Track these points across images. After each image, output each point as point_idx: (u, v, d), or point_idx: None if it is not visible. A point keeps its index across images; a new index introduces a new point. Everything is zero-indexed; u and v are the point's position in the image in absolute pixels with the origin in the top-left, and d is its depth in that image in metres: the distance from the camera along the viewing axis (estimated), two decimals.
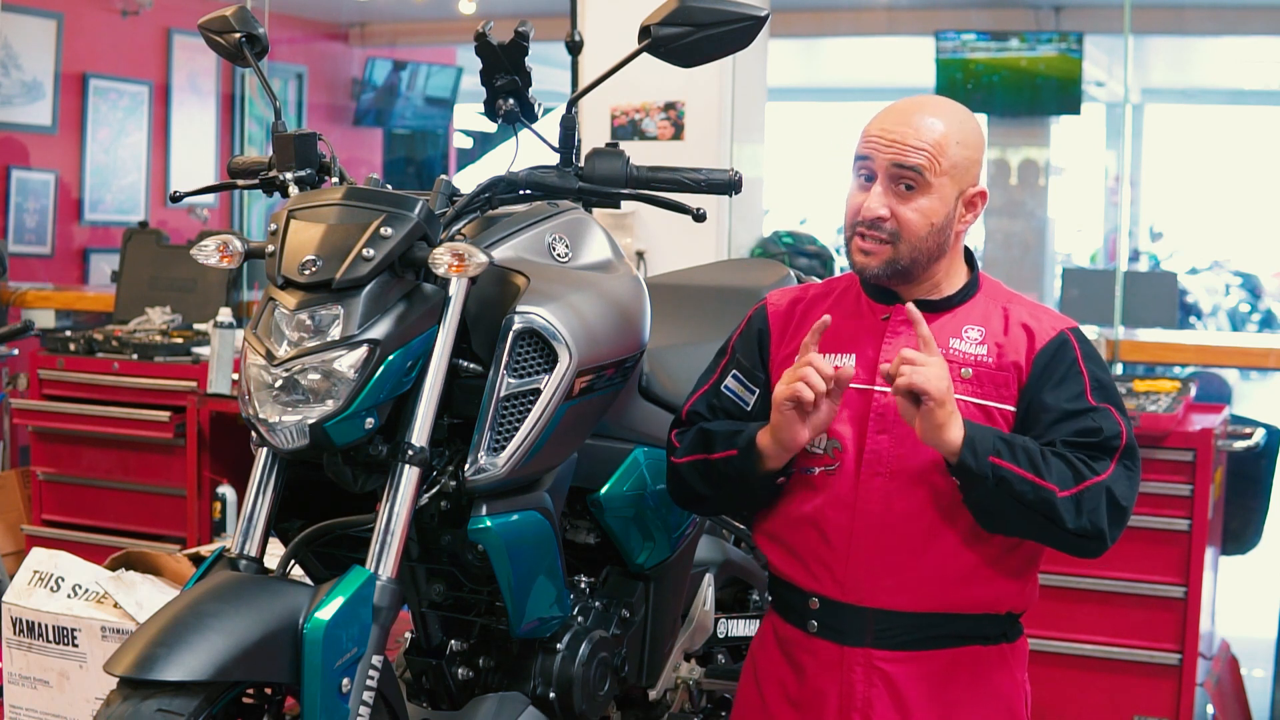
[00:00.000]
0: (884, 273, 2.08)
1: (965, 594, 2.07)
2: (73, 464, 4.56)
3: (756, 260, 4.08)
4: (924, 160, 2.03)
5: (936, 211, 2.06)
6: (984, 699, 2.11)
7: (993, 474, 1.96)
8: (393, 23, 9.60)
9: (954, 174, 2.06)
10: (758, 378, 2.21)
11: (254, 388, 1.88)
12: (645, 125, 4.62)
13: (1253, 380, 10.07)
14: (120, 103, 7.29)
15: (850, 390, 2.09)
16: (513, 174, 2.09)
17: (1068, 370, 2.07)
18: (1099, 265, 13.10)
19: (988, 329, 2.11)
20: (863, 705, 2.08)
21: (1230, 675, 3.85)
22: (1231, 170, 16.87)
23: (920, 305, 2.12)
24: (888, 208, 2.04)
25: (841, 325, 2.15)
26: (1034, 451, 1.99)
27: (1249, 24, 9.59)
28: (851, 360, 2.10)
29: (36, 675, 2.78)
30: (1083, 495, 1.99)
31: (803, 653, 2.15)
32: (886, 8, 9.98)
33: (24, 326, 3.67)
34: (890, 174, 2.04)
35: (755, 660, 2.26)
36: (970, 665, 2.10)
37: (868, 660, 2.08)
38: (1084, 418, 2.04)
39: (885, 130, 2.06)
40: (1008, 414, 2.07)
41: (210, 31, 2.26)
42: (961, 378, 2.06)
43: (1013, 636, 2.16)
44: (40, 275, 6.60)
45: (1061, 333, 2.10)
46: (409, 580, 2.15)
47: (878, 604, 2.07)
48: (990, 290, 2.17)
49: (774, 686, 2.20)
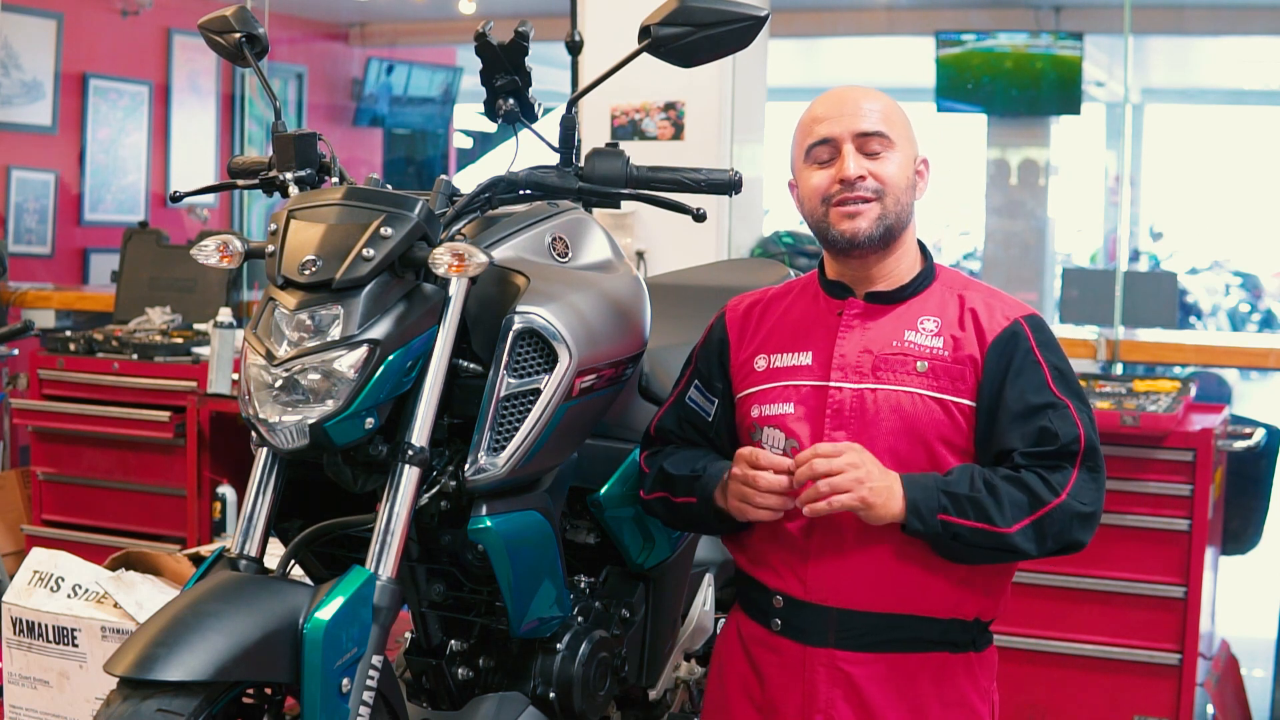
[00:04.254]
0: (876, 232, 2.07)
1: (928, 596, 2.06)
2: (73, 464, 4.56)
3: (756, 260, 4.08)
4: (883, 123, 2.07)
5: (906, 166, 2.09)
6: (949, 706, 2.09)
7: (944, 529, 1.97)
8: (393, 23, 9.60)
9: (907, 136, 2.11)
10: (716, 387, 2.22)
11: (254, 388, 1.88)
12: (645, 125, 4.62)
13: (1253, 380, 10.06)
14: (120, 103, 7.29)
15: (806, 387, 2.09)
16: (513, 174, 2.09)
17: (1023, 361, 2.04)
18: (1099, 265, 13.09)
19: (943, 319, 2.09)
20: (825, 706, 2.07)
21: (1230, 675, 3.85)
22: (1231, 170, 16.85)
23: (875, 296, 2.12)
24: (864, 169, 2.06)
25: (798, 323, 2.16)
26: (981, 493, 1.97)
27: (1249, 24, 9.59)
28: (808, 357, 2.11)
29: (36, 675, 2.78)
30: (1043, 521, 1.98)
31: (766, 651, 2.14)
32: (886, 8, 9.98)
33: (24, 326, 3.67)
34: (856, 143, 2.07)
35: (720, 658, 2.25)
36: (936, 671, 2.09)
37: (830, 661, 2.08)
38: (1041, 416, 2.01)
39: (834, 107, 2.09)
40: (965, 408, 2.05)
41: (210, 31, 2.26)
42: (917, 371, 2.05)
43: (981, 645, 2.15)
44: (40, 275, 6.60)
45: (1015, 322, 2.07)
46: (409, 580, 2.15)
47: (840, 603, 2.06)
48: (946, 279, 2.16)
49: (737, 684, 2.19)
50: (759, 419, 2.13)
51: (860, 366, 2.07)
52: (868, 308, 2.12)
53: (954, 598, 2.07)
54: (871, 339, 2.09)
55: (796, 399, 2.10)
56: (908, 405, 2.04)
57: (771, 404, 2.12)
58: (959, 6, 9.50)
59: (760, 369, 2.16)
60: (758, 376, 2.16)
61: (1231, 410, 3.85)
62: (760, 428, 2.13)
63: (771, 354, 2.16)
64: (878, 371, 2.06)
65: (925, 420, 2.04)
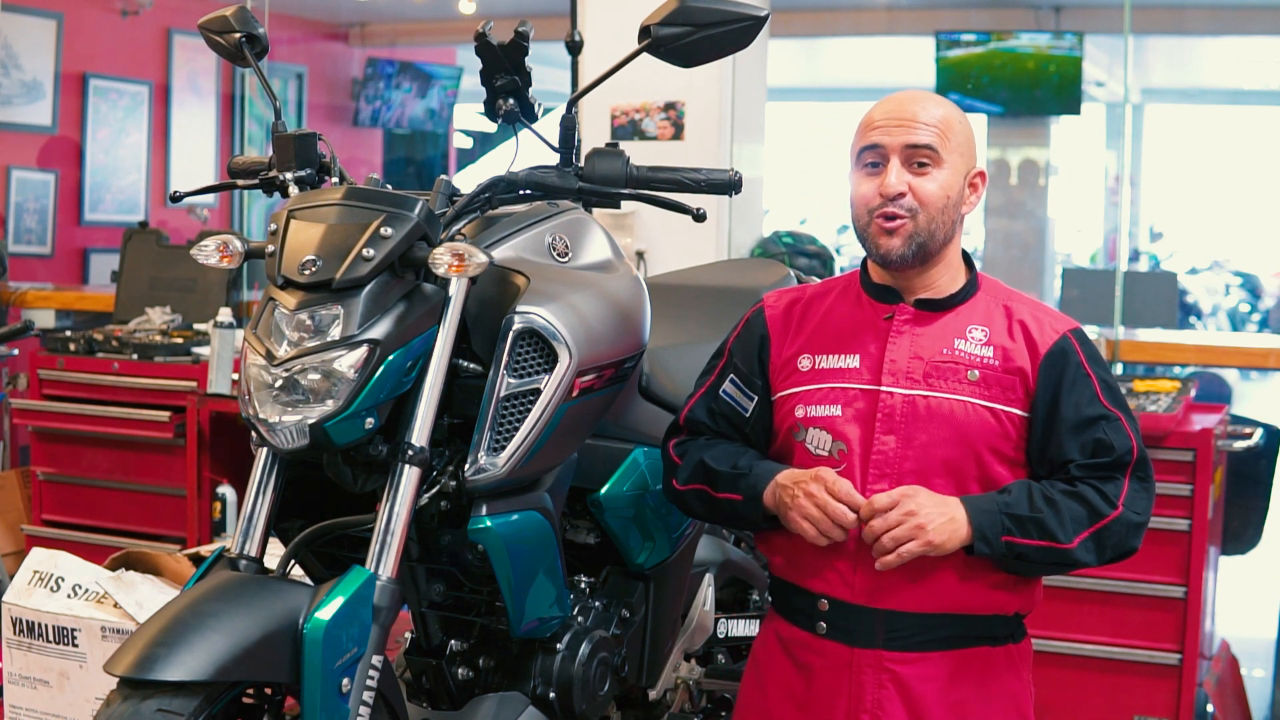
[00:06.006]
0: (908, 251, 2.07)
1: (974, 594, 2.07)
2: (73, 464, 4.56)
3: (756, 260, 4.07)
4: (935, 137, 2.06)
5: (951, 185, 2.09)
6: (993, 699, 2.11)
7: (1009, 550, 2.01)
8: (393, 23, 9.60)
9: (961, 151, 2.10)
10: (755, 384, 2.21)
11: (254, 388, 1.88)
12: (645, 125, 4.62)
13: (1253, 380, 10.06)
14: (120, 103, 7.29)
15: (854, 390, 2.09)
16: (513, 174, 2.09)
17: (1075, 374, 2.08)
18: (1099, 265, 13.09)
19: (992, 329, 2.11)
20: (872, 707, 2.08)
21: (1230, 675, 3.85)
22: (1231, 170, 16.85)
23: (922, 304, 2.13)
24: (905, 184, 2.06)
25: (843, 325, 2.16)
26: (1042, 511, 2.01)
27: (1249, 24, 9.59)
28: (855, 360, 2.11)
29: (36, 675, 2.78)
30: (1102, 534, 2.03)
31: (810, 654, 2.14)
32: (886, 8, 9.98)
33: (24, 326, 3.67)
34: (904, 155, 2.06)
35: (758, 663, 2.25)
36: (979, 666, 2.11)
37: (878, 662, 2.08)
38: (1096, 428, 2.06)
39: (890, 115, 2.08)
40: (1015, 418, 2.07)
41: (210, 31, 2.26)
42: (969, 380, 2.07)
43: (1019, 637, 2.17)
44: (40, 275, 6.60)
45: (1064, 336, 2.10)
46: (409, 580, 2.15)
47: (888, 605, 2.07)
48: (990, 289, 2.17)
49: (779, 689, 2.19)
50: (804, 419, 2.13)
51: (912, 373, 2.08)
52: (917, 314, 2.12)
53: (997, 595, 2.09)
54: (922, 346, 2.10)
55: (844, 402, 2.10)
56: (960, 413, 2.05)
57: (818, 405, 2.12)
58: (959, 6, 9.50)
59: (805, 369, 2.15)
60: (802, 377, 2.15)
61: (1231, 410, 3.85)
62: (805, 428, 2.12)
63: (816, 354, 2.15)
64: (929, 378, 2.07)
65: (977, 428, 2.05)
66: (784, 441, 2.17)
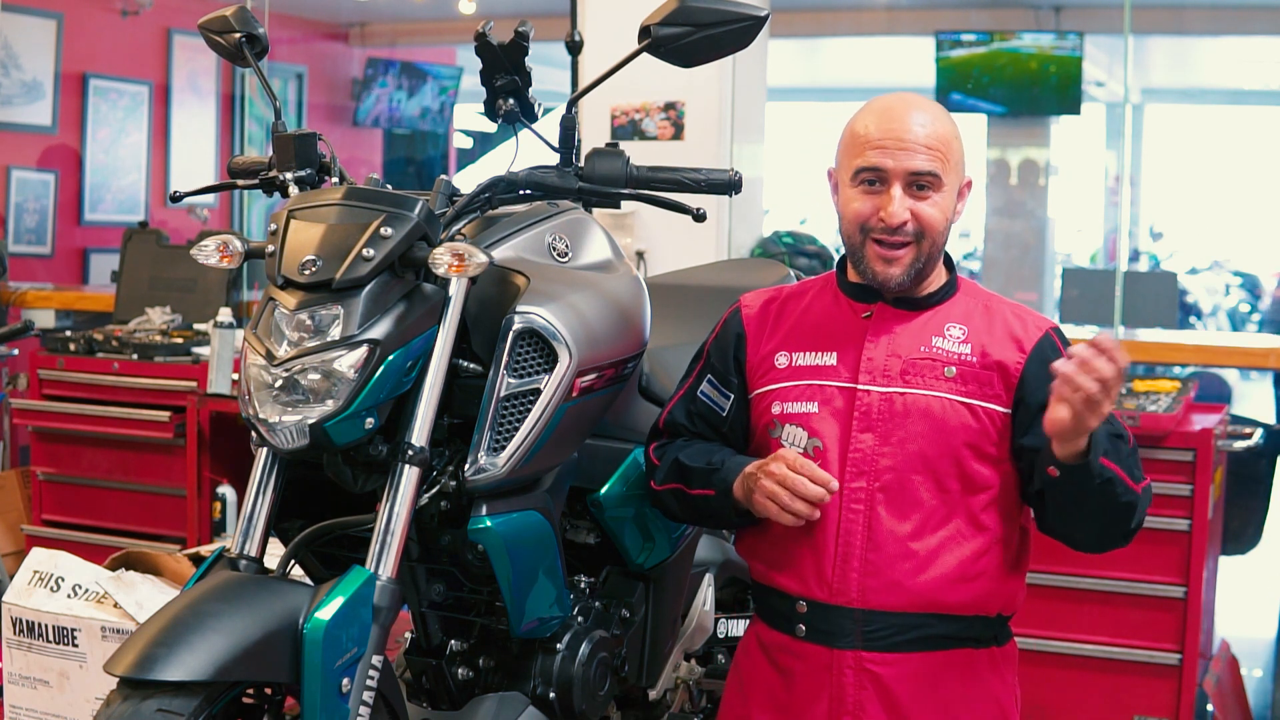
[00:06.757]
0: (907, 278, 2.08)
1: (954, 593, 2.06)
2: (73, 464, 4.56)
3: (756, 260, 4.08)
4: (938, 163, 2.05)
5: (949, 205, 2.09)
6: (975, 701, 2.10)
7: (1100, 474, 1.94)
8: (393, 23, 9.60)
9: (957, 168, 2.10)
10: (731, 382, 2.22)
11: (254, 388, 1.88)
12: (645, 125, 4.62)
13: (1253, 380, 10.05)
14: (120, 103, 7.29)
15: (831, 387, 2.10)
16: (513, 174, 2.09)
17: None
18: (1099, 265, 13.10)
19: (970, 327, 2.11)
20: (854, 708, 2.07)
21: (1230, 675, 3.85)
22: (1231, 170, 16.85)
23: (901, 303, 2.13)
24: (908, 211, 2.05)
25: (821, 323, 2.16)
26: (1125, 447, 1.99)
27: (1249, 24, 9.59)
28: (832, 357, 2.11)
29: (36, 675, 2.78)
30: (1144, 495, 2.03)
31: (790, 658, 2.13)
32: (886, 8, 9.98)
33: (24, 326, 3.67)
34: (906, 180, 2.05)
35: (739, 668, 2.24)
36: (962, 667, 2.10)
37: (858, 662, 2.07)
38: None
39: (890, 135, 2.05)
40: (995, 414, 2.06)
41: (210, 31, 2.26)
42: (945, 376, 2.06)
43: (1003, 640, 2.16)
44: (40, 275, 6.60)
45: (1046, 333, 2.11)
46: (409, 580, 2.15)
47: (867, 605, 2.06)
48: (969, 290, 2.18)
49: (760, 693, 2.18)
50: (780, 416, 2.13)
51: (889, 370, 2.08)
52: (895, 313, 2.12)
53: (977, 594, 2.08)
54: (899, 344, 2.10)
55: (822, 399, 2.10)
56: (937, 409, 2.05)
57: (794, 402, 2.12)
58: (959, 6, 9.51)
59: (781, 366, 2.15)
60: (779, 374, 2.15)
61: (1231, 410, 3.85)
62: (781, 424, 2.12)
63: (793, 352, 2.15)
64: (906, 375, 2.07)
65: (954, 424, 2.05)
66: (760, 439, 2.17)
